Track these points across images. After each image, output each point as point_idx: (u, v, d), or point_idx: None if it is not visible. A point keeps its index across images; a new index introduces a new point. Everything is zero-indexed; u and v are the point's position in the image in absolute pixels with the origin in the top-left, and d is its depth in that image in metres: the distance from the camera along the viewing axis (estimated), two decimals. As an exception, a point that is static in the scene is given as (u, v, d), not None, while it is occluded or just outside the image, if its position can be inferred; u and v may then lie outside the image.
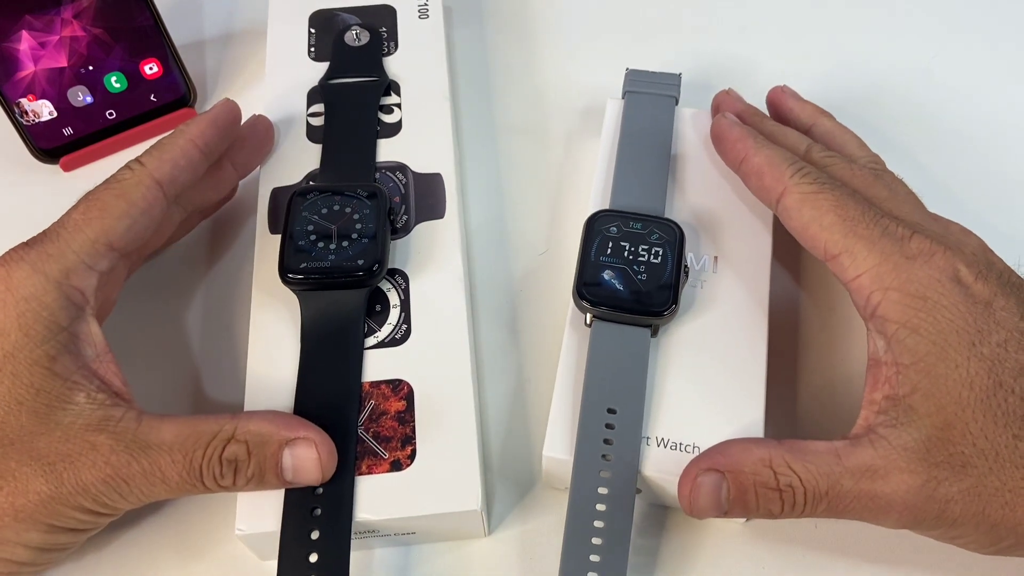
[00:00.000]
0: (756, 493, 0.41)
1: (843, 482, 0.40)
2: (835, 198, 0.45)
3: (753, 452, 0.42)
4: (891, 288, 0.43)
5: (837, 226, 0.44)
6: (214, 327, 0.55)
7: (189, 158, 0.49)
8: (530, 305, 0.56)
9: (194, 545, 0.49)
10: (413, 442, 0.46)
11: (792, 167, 0.47)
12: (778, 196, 0.47)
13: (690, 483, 0.42)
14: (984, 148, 0.61)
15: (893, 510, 0.40)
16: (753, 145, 0.49)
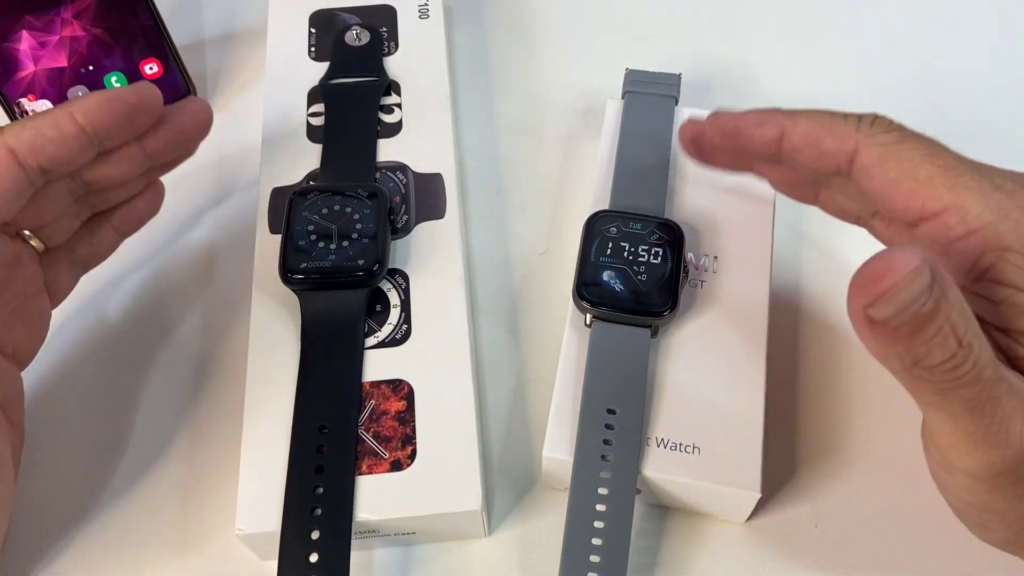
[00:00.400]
0: (940, 329, 0.32)
1: (998, 388, 0.34)
2: (926, 146, 0.38)
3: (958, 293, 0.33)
4: (1010, 250, 0.36)
5: (938, 178, 0.37)
6: (214, 327, 0.55)
7: (60, 130, 0.42)
8: (530, 305, 0.56)
9: (194, 545, 0.49)
10: (413, 442, 0.46)
11: (853, 120, 0.40)
12: (849, 155, 0.40)
13: (906, 264, 0.32)
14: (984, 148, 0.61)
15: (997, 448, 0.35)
16: (786, 116, 0.41)
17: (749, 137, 0.43)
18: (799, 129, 0.41)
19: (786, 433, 0.51)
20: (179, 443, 0.52)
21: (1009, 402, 0.34)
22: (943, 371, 0.33)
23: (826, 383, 0.53)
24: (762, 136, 0.42)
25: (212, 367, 0.54)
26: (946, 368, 0.33)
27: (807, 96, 0.58)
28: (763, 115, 0.42)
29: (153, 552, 0.48)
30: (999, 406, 0.34)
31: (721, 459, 0.45)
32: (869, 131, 0.39)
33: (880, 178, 0.39)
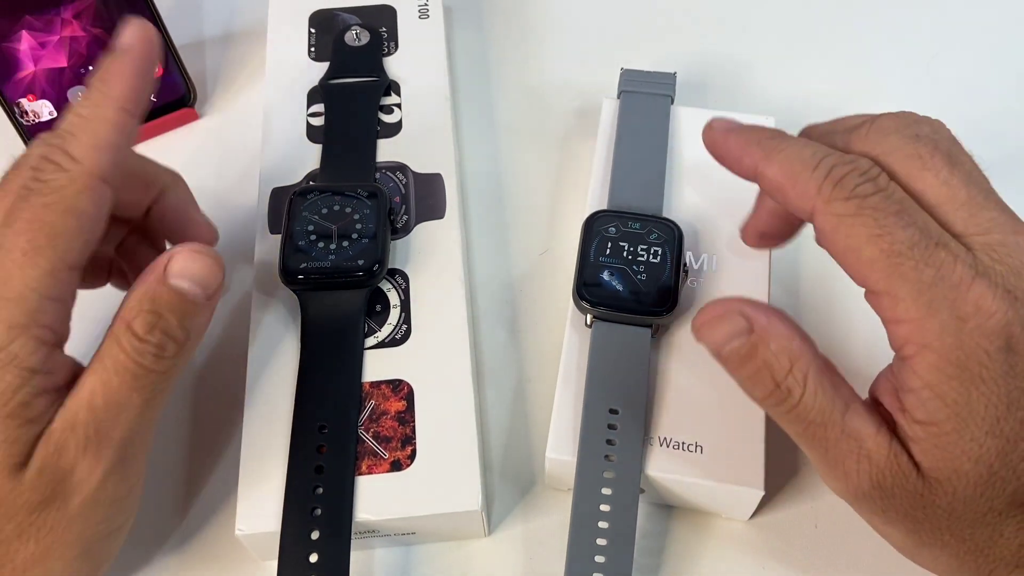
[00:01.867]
0: (759, 369, 0.39)
1: (830, 430, 0.38)
2: (876, 225, 0.37)
3: (792, 340, 0.39)
4: (930, 348, 0.36)
5: (879, 262, 0.37)
6: (214, 327, 0.55)
7: (124, 132, 0.41)
8: (530, 305, 0.56)
9: (194, 545, 0.49)
10: (413, 442, 0.46)
11: (816, 175, 0.39)
12: (809, 214, 0.39)
13: (721, 309, 0.40)
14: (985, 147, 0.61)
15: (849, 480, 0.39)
16: (763, 154, 0.41)
17: (732, 163, 0.43)
18: (769, 172, 0.41)
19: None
20: (179, 443, 0.52)
21: (841, 444, 0.38)
22: (766, 405, 0.40)
23: None
24: (741, 168, 0.43)
25: (212, 367, 0.54)
26: (767, 404, 0.39)
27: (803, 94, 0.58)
28: (746, 145, 0.42)
29: (153, 552, 0.48)
30: (830, 446, 0.39)
31: (724, 457, 0.46)
32: (829, 195, 0.38)
33: (832, 246, 0.39)
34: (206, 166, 0.61)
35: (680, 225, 0.50)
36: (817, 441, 0.39)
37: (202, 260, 0.41)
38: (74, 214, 0.39)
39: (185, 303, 0.41)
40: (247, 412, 0.47)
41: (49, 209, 0.38)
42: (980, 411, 0.36)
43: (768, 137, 0.42)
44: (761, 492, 0.45)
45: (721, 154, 0.43)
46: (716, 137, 0.44)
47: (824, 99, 0.54)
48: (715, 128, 0.44)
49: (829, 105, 0.54)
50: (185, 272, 0.40)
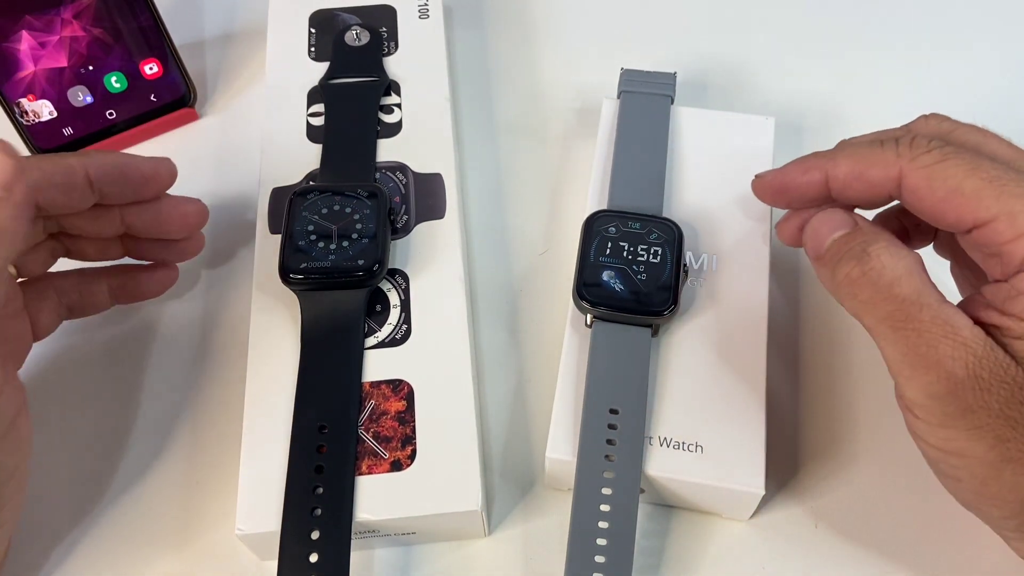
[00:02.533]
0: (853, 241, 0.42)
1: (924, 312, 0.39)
2: (967, 161, 0.40)
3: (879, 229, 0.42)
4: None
5: (984, 190, 0.39)
6: (214, 327, 0.55)
7: (70, 179, 0.45)
8: (530, 305, 0.56)
9: (194, 545, 0.49)
10: (413, 442, 0.46)
11: (891, 146, 0.42)
12: (896, 181, 0.42)
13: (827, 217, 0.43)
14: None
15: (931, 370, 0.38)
16: (826, 158, 0.44)
17: (797, 188, 0.45)
18: (841, 169, 0.43)
19: (788, 431, 0.51)
20: (179, 443, 0.52)
21: (934, 326, 0.38)
22: (855, 274, 0.40)
23: (827, 380, 0.53)
24: (808, 183, 0.45)
25: (212, 367, 0.54)
26: (858, 273, 0.40)
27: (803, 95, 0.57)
28: (805, 163, 0.45)
29: (153, 552, 0.48)
30: (923, 328, 0.38)
31: (724, 457, 0.45)
32: (910, 154, 0.41)
33: (929, 199, 0.41)
34: (206, 166, 0.61)
35: (680, 225, 0.50)
36: (910, 322, 0.38)
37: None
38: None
39: None
40: (247, 412, 0.47)
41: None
42: None
43: (823, 151, 0.45)
44: (761, 492, 0.45)
45: (782, 185, 0.46)
46: (772, 176, 0.47)
47: (824, 99, 0.54)
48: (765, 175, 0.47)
49: (829, 105, 0.54)
50: None
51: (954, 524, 0.42)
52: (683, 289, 0.49)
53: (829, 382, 0.53)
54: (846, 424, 0.51)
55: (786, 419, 0.51)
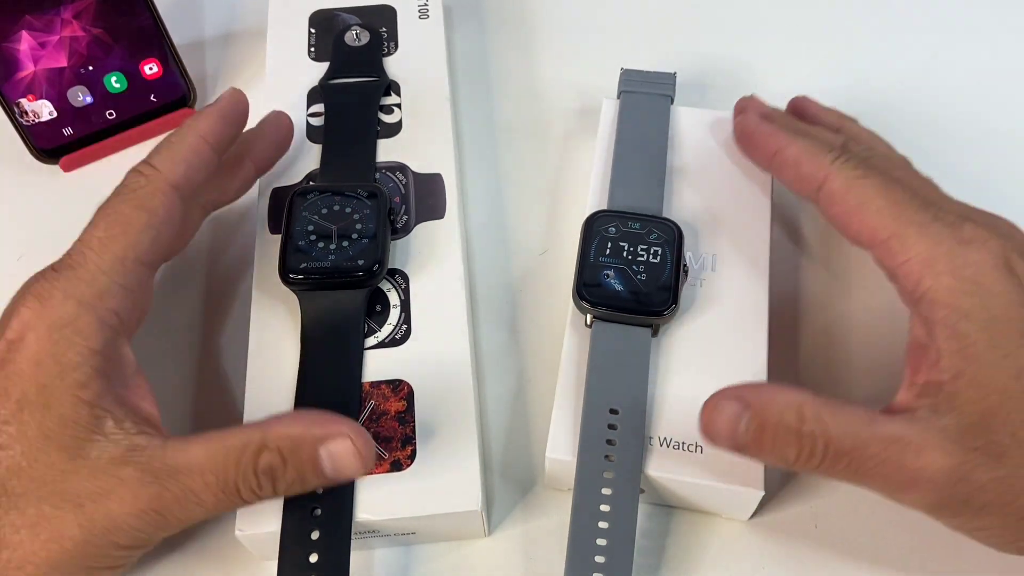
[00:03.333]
0: (775, 434, 0.39)
1: (870, 446, 0.39)
2: (882, 182, 0.44)
3: (785, 394, 0.40)
4: (943, 273, 0.41)
5: (886, 210, 0.43)
6: (214, 327, 0.55)
7: (201, 156, 0.47)
8: (530, 305, 0.56)
9: (194, 545, 0.49)
10: (413, 442, 0.46)
11: (832, 153, 0.46)
12: (820, 183, 0.46)
13: (712, 406, 0.40)
14: (987, 148, 0.61)
15: (918, 487, 0.39)
16: (786, 137, 0.48)
17: (755, 143, 0.51)
18: (790, 150, 0.48)
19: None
20: (179, 443, 0.51)
21: (890, 454, 0.39)
22: (804, 467, 0.40)
23: (827, 380, 0.53)
24: (764, 148, 0.50)
25: (212, 367, 0.54)
26: (803, 464, 0.40)
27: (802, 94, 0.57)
28: (772, 131, 0.50)
29: (154, 551, 0.48)
30: (883, 462, 0.39)
31: (724, 457, 0.45)
32: (840, 165, 0.46)
33: (841, 206, 0.45)
34: (206, 166, 0.61)
35: (680, 225, 0.50)
36: (869, 466, 0.39)
37: (358, 460, 0.41)
38: (146, 210, 0.44)
39: (316, 474, 0.41)
40: (247, 412, 0.48)
41: (125, 204, 0.45)
42: (1005, 324, 0.40)
43: (791, 130, 0.50)
44: (761, 492, 0.45)
45: (748, 132, 0.51)
46: (750, 121, 0.52)
47: (823, 98, 0.54)
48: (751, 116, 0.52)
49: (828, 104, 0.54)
50: (336, 458, 0.41)
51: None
52: (683, 289, 0.49)
53: (829, 381, 0.53)
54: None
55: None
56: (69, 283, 0.42)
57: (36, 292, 0.42)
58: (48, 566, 0.39)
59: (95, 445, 0.40)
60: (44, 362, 0.41)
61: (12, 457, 0.40)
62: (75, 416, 0.40)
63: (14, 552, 0.39)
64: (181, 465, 0.40)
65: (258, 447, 0.40)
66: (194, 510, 0.40)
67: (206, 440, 0.41)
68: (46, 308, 0.41)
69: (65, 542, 0.39)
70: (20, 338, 0.41)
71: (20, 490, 0.40)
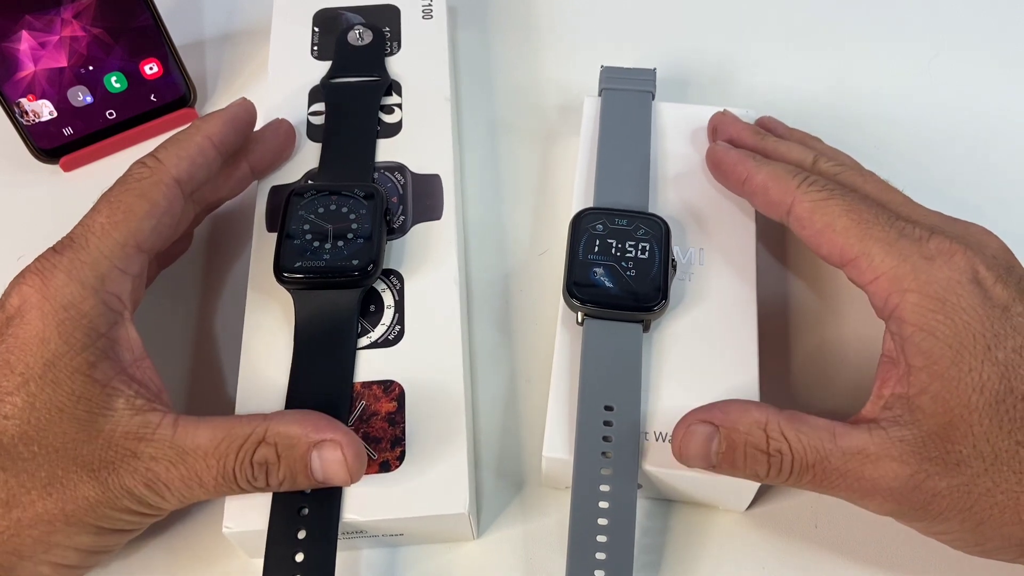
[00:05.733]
0: (745, 452, 0.41)
1: (832, 459, 0.40)
2: (847, 203, 0.45)
3: (751, 413, 0.42)
4: (909, 290, 0.42)
5: (852, 230, 0.44)
6: (208, 323, 0.55)
7: (205, 155, 0.49)
8: (525, 305, 0.56)
9: (182, 541, 0.49)
10: (403, 444, 0.46)
11: (797, 177, 0.47)
12: (787, 208, 0.47)
13: (683, 430, 0.43)
14: (981, 151, 0.61)
15: (877, 495, 0.40)
16: (753, 164, 0.49)
17: (726, 172, 0.51)
18: (758, 178, 0.48)
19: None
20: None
21: (851, 465, 0.40)
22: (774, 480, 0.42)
23: (819, 369, 0.53)
24: (734, 176, 0.50)
25: (205, 364, 0.54)
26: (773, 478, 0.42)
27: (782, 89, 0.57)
28: (739, 159, 0.50)
29: (142, 548, 0.48)
30: (845, 473, 0.41)
31: None
32: (806, 189, 0.46)
33: (809, 228, 0.46)
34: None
35: (667, 220, 0.50)
36: (832, 478, 0.41)
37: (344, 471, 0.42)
38: (147, 199, 0.46)
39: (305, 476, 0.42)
40: (238, 409, 0.47)
41: (128, 192, 0.46)
42: (970, 339, 0.41)
43: (757, 156, 0.50)
44: (757, 483, 0.45)
45: (718, 161, 0.51)
46: (718, 150, 0.52)
47: (802, 94, 0.54)
48: (719, 144, 0.52)
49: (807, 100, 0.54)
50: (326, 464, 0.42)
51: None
52: (672, 284, 0.49)
53: (821, 369, 0.53)
54: (840, 410, 0.51)
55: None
56: (72, 265, 0.43)
57: (37, 269, 0.43)
58: (61, 522, 0.41)
59: (108, 420, 0.42)
60: (50, 340, 0.42)
61: (19, 426, 0.41)
62: (87, 394, 0.42)
63: (25, 511, 0.41)
64: (189, 447, 0.42)
65: (258, 439, 0.42)
66: (197, 490, 0.42)
67: (214, 425, 0.42)
68: (48, 287, 0.43)
69: (79, 501, 0.41)
70: (20, 313, 0.42)
71: (29, 455, 0.41)
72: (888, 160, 0.47)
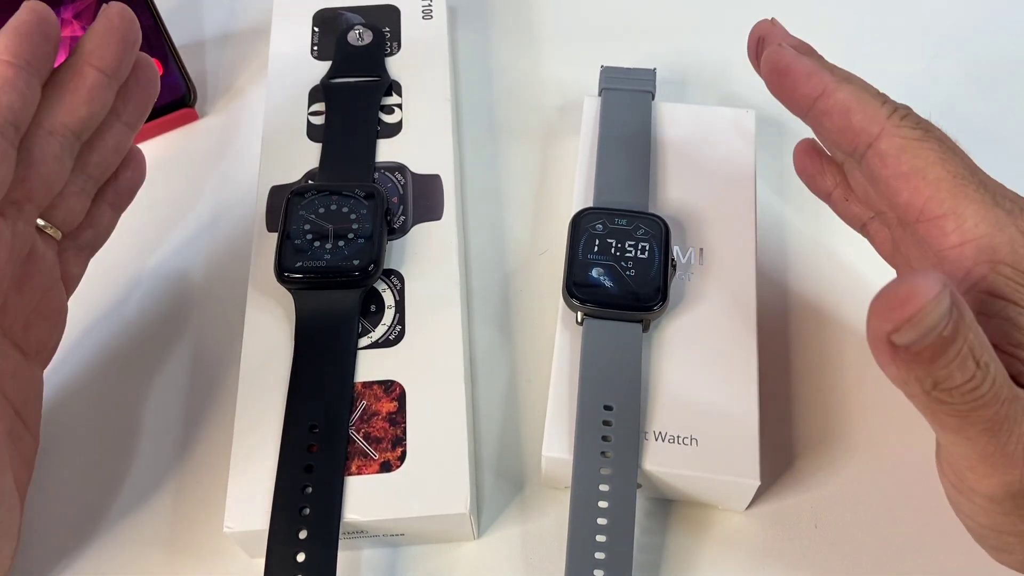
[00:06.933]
0: (959, 352, 0.32)
1: (1013, 407, 0.34)
2: (943, 149, 0.39)
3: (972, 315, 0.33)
4: (1003, 263, 0.37)
5: (945, 182, 0.38)
6: (209, 324, 0.55)
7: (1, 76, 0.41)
8: (525, 305, 0.56)
9: (183, 541, 0.49)
10: (403, 444, 0.46)
11: (888, 106, 0.40)
12: (872, 138, 0.40)
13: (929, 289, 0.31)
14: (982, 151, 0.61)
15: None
16: (833, 79, 0.41)
17: (793, 83, 0.42)
18: (839, 95, 0.41)
19: (783, 421, 0.51)
20: (172, 440, 0.52)
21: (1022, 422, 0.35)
22: (962, 392, 0.33)
23: (819, 369, 0.53)
24: (805, 89, 0.42)
25: (205, 364, 0.54)
26: (965, 390, 0.33)
27: None
28: (814, 69, 0.42)
29: (142, 548, 0.49)
30: (1016, 425, 0.34)
31: (719, 449, 0.46)
32: (898, 121, 0.39)
33: (893, 168, 0.39)
34: (206, 166, 0.61)
35: (666, 220, 0.50)
36: (1007, 423, 0.34)
37: None
38: None
39: None
40: (239, 409, 0.47)
41: None
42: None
43: (836, 70, 0.42)
44: (757, 482, 0.45)
45: (785, 68, 0.42)
46: (786, 55, 0.43)
47: None
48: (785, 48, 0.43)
49: None
50: None
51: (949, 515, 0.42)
52: (672, 283, 0.49)
53: (821, 369, 0.53)
54: (841, 411, 0.51)
55: (780, 408, 0.52)
56: None
57: None
58: None
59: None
60: None
61: None
62: None
63: None
64: None
65: None
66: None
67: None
68: None
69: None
70: None
71: None
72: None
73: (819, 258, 0.55)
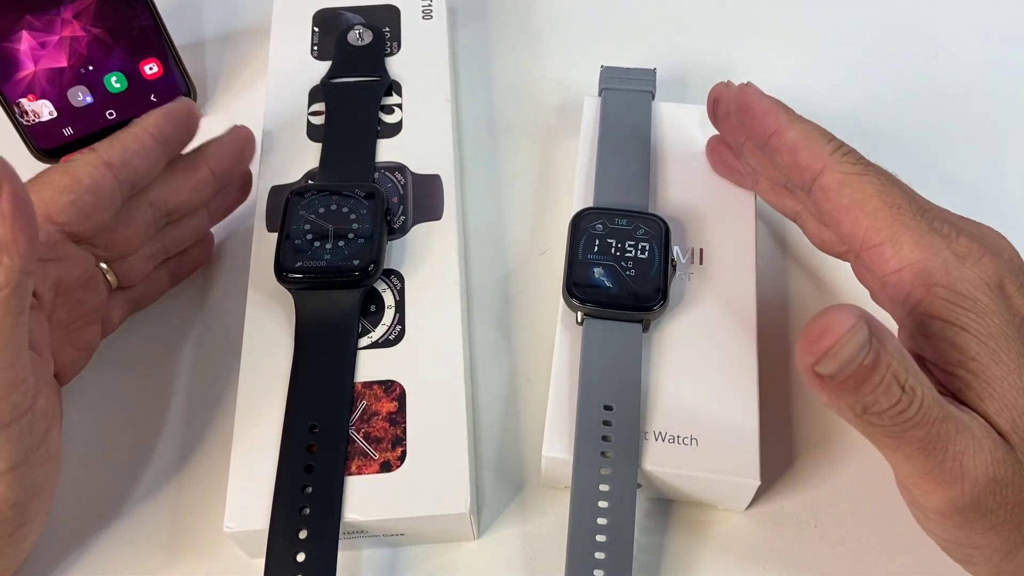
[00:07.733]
0: (883, 379, 0.35)
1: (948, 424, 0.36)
2: (881, 182, 0.42)
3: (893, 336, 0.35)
4: (938, 285, 0.40)
5: (882, 213, 0.41)
6: (208, 324, 0.55)
7: (140, 142, 0.48)
8: (525, 305, 0.56)
9: (183, 541, 0.49)
10: (404, 443, 0.46)
11: (831, 144, 0.44)
12: (815, 174, 0.43)
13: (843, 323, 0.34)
14: (982, 150, 0.61)
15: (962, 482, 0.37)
16: (786, 118, 0.45)
17: (752, 119, 0.46)
18: (788, 134, 0.45)
19: (783, 421, 0.51)
20: (172, 439, 0.52)
21: (959, 439, 0.37)
22: (891, 416, 0.36)
23: None
24: (761, 127, 0.46)
25: (205, 363, 0.54)
26: (893, 413, 0.36)
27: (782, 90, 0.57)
28: (771, 108, 0.46)
29: (143, 548, 0.49)
30: (950, 443, 0.37)
31: (719, 449, 0.46)
32: (840, 158, 0.43)
33: (834, 201, 0.43)
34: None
35: (666, 220, 0.50)
36: (939, 442, 0.36)
37: None
38: (69, 174, 0.45)
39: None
40: (239, 409, 0.47)
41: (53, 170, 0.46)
42: (1004, 342, 0.39)
43: (790, 110, 0.46)
44: (757, 482, 0.45)
45: (747, 105, 0.46)
46: (750, 93, 0.47)
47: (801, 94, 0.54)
48: (751, 87, 0.47)
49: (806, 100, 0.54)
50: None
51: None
52: (672, 283, 0.49)
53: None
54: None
55: (780, 408, 0.52)
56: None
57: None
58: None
59: None
60: None
61: None
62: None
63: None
64: None
65: None
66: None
67: None
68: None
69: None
70: None
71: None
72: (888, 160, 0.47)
73: (819, 258, 0.55)
